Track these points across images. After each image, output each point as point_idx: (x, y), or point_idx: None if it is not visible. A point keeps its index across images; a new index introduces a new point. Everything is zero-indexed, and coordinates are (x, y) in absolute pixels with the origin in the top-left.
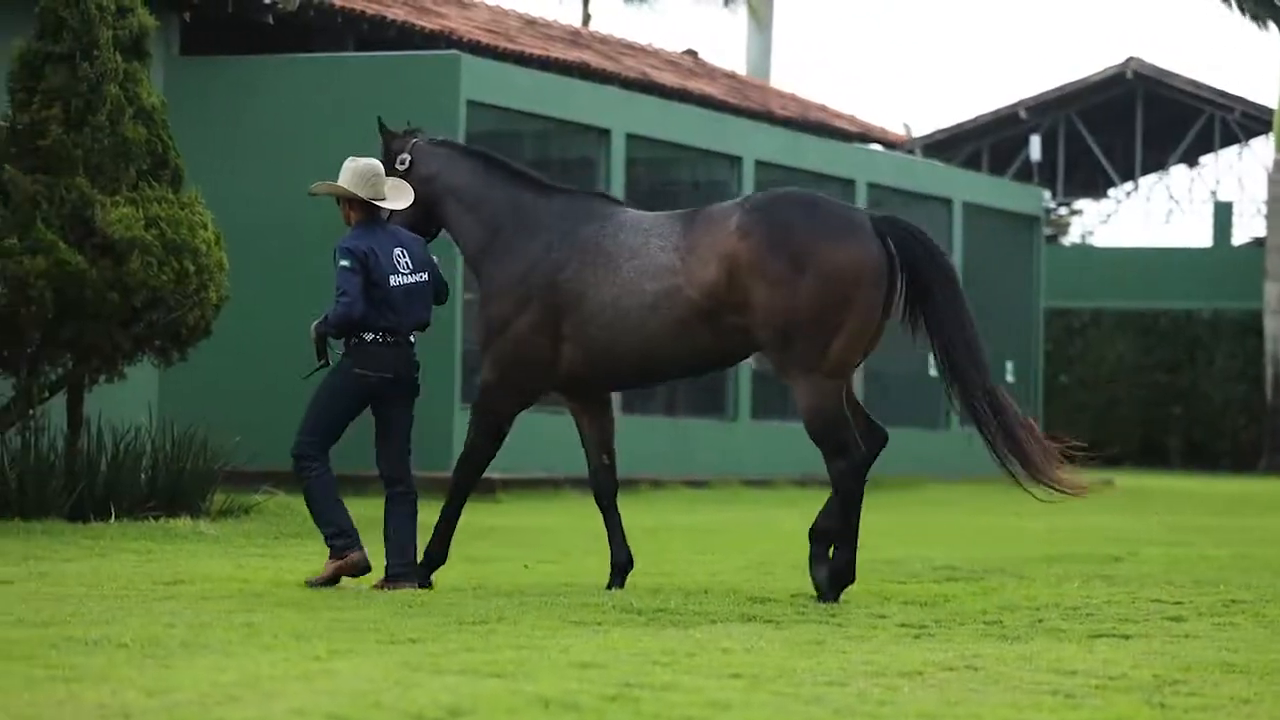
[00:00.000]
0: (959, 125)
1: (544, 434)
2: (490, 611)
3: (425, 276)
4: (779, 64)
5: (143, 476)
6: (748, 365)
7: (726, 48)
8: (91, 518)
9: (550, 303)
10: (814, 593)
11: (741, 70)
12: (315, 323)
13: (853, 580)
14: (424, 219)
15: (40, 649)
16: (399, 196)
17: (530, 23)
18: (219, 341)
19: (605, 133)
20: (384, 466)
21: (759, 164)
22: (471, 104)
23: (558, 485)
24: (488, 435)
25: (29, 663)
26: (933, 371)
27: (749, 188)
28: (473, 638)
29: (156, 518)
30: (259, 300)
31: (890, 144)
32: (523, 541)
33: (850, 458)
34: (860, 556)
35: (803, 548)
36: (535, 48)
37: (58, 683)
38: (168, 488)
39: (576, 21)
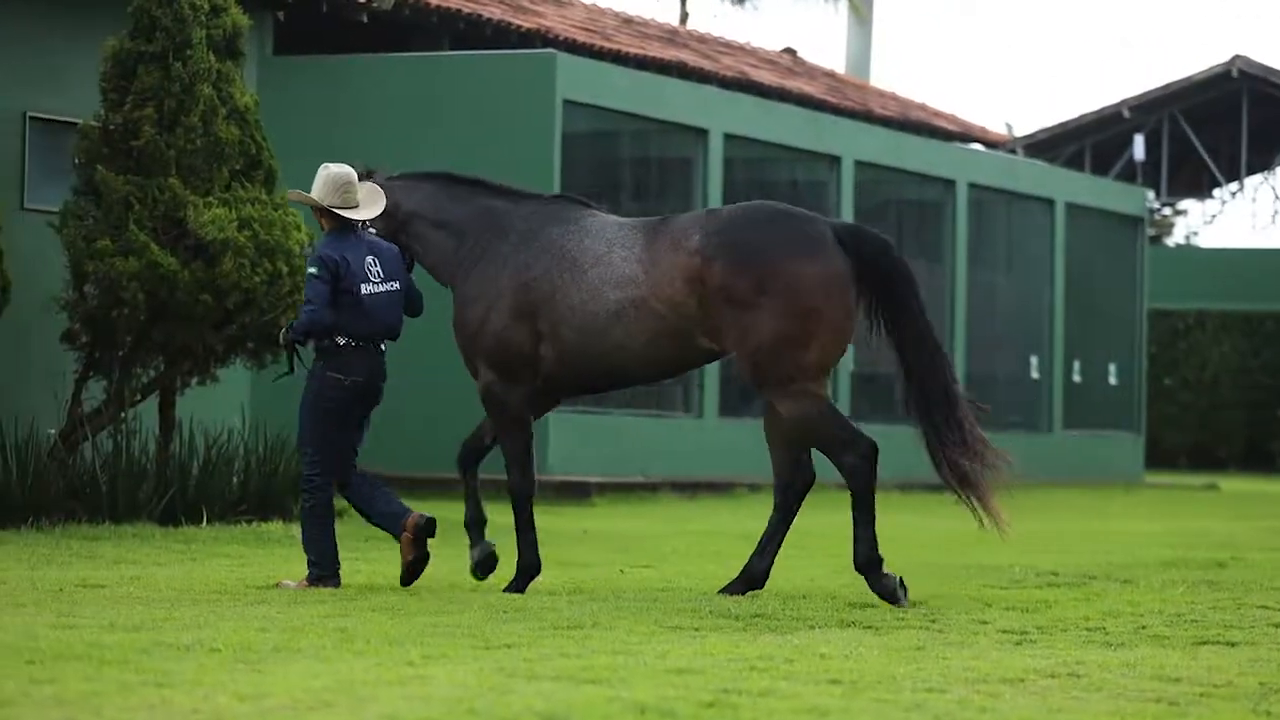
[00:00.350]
0: (1061, 124)
1: (640, 437)
2: (585, 616)
3: (397, 285)
4: (879, 62)
5: (235, 480)
6: (849, 367)
7: (825, 46)
8: (183, 522)
9: (524, 300)
10: (911, 598)
11: (841, 69)
12: (284, 330)
13: (881, 564)
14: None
15: (133, 654)
16: (371, 204)
17: (627, 21)
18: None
19: (703, 133)
20: None
21: (858, 164)
22: (567, 103)
23: (654, 489)
24: (513, 431)
25: (122, 668)
26: (1034, 374)
27: (848, 188)
28: (568, 643)
29: (249, 522)
30: None
31: (992, 144)
32: (618, 545)
33: (856, 448)
34: (960, 561)
35: (902, 553)
36: (632, 46)
37: (150, 688)
38: (260, 491)
39: (674, 20)
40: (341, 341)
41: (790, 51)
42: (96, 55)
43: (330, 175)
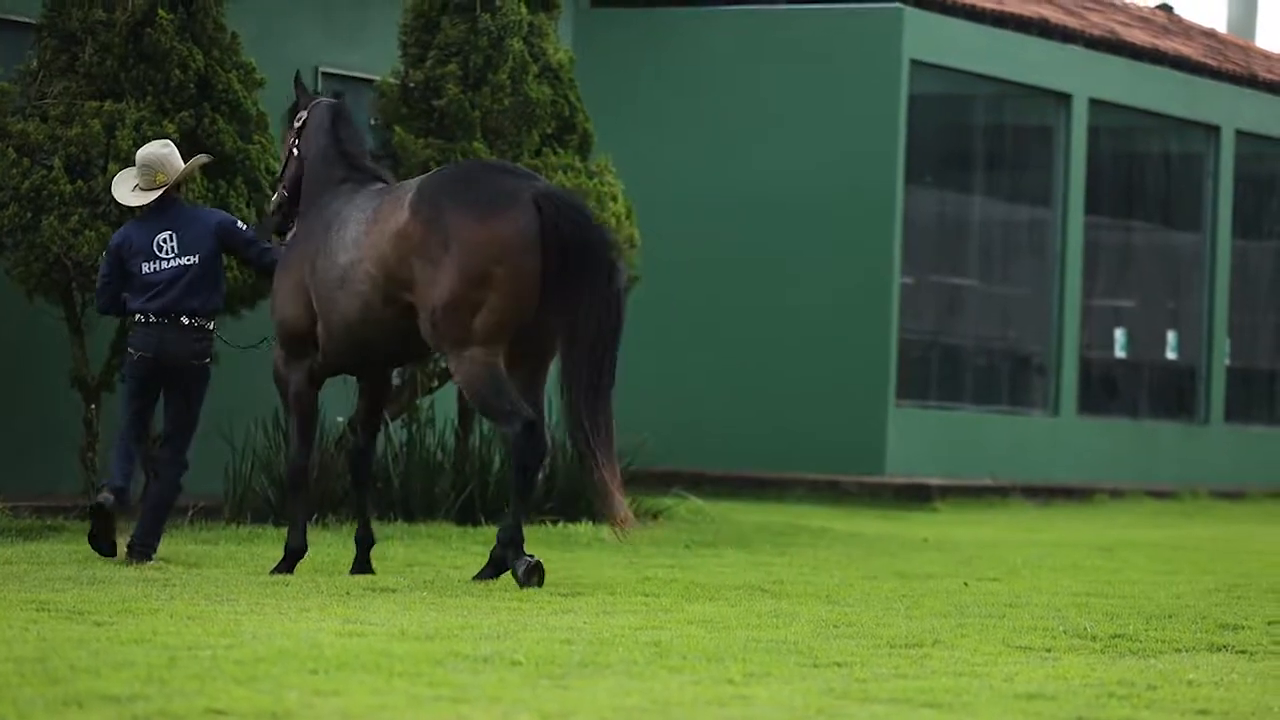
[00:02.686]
0: None
1: (989, 436)
2: (925, 633)
3: (193, 259)
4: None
5: (540, 476)
6: (1223, 361)
7: (1205, 2)
8: (482, 521)
9: (300, 277)
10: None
11: (1221, 28)
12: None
13: (521, 544)
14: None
15: (425, 665)
16: (128, 188)
17: None
18: (628, 326)
19: (1066, 97)
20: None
21: (1240, 135)
22: (915, 63)
23: (1004, 494)
24: (293, 412)
25: (413, 680)
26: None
27: (1228, 162)
28: (904, 662)
29: (554, 522)
30: (673, 281)
31: None
32: (962, 556)
33: (519, 419)
34: None
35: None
36: (989, 1)
37: (444, 703)
38: (567, 490)
39: None
40: (137, 319)
41: (1166, 8)
42: (396, 5)
43: (138, 156)
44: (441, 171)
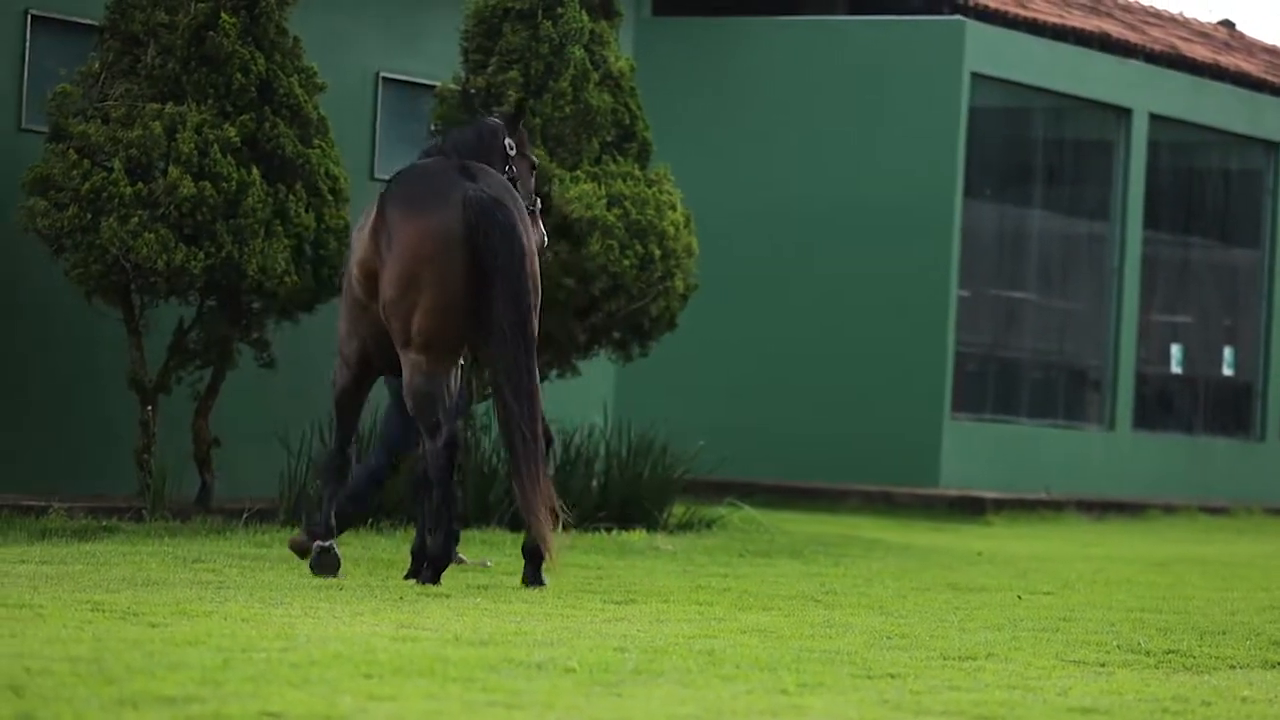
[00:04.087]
0: None
1: (1043, 448)
2: (978, 646)
3: None
4: None
5: (594, 483)
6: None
7: (1267, 18)
8: None
9: None
10: None
11: None
12: None
13: (447, 564)
14: None
15: (479, 671)
16: None
17: None
18: (684, 336)
19: (1126, 112)
20: None
21: None
22: (976, 76)
23: (1059, 507)
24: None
25: (467, 685)
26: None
27: None
28: (958, 675)
29: (608, 529)
30: (731, 291)
31: None
32: (1015, 569)
33: (442, 437)
34: None
35: None
36: (1050, 15)
37: (498, 709)
38: (622, 496)
39: None
40: None
41: (1228, 24)
42: (457, 11)
43: None
44: (404, 170)
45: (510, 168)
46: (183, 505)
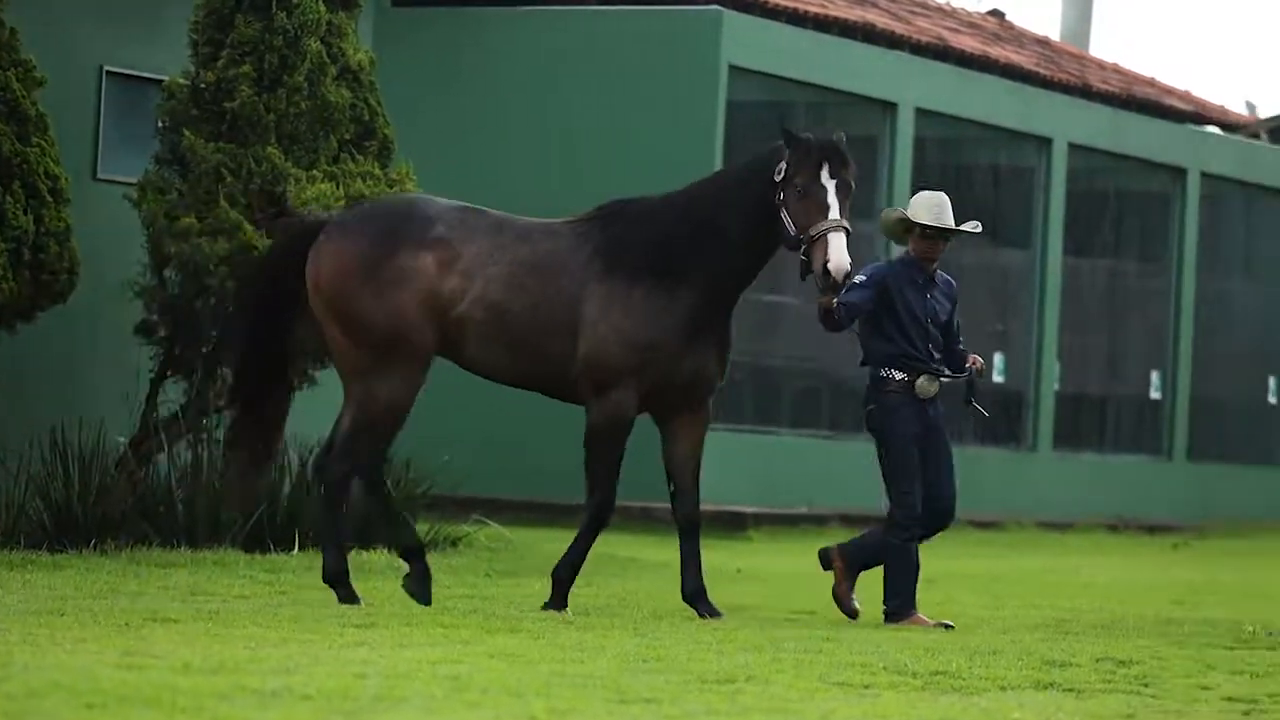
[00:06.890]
0: None
1: (803, 462)
2: (737, 668)
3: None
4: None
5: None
6: (1053, 387)
7: (1038, 9)
8: (272, 548)
9: None
10: (1119, 657)
11: (1055, 36)
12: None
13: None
14: None
15: (209, 700)
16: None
17: None
18: None
19: (891, 106)
20: None
21: (1072, 147)
22: (734, 69)
23: (821, 521)
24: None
25: (196, 715)
26: (1271, 399)
27: (1060, 175)
28: (717, 699)
29: (348, 549)
30: None
31: (1230, 126)
32: (776, 587)
33: (358, 473)
34: (1179, 615)
35: (1111, 601)
36: (812, 5)
37: None
38: (361, 515)
39: None
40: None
41: (997, 14)
42: (187, 1)
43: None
44: None
45: (779, 194)
46: None
